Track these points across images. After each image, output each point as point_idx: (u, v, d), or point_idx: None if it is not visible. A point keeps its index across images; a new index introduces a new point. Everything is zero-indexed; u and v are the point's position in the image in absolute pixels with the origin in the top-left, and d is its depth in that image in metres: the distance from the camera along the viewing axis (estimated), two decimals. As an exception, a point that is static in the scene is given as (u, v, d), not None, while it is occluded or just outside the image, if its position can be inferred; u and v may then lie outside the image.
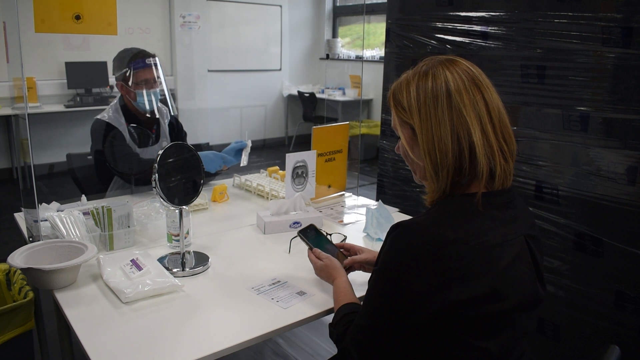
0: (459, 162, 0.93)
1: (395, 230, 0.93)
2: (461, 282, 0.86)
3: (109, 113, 2.05)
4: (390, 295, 0.92)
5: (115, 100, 2.10)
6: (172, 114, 2.22)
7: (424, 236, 0.88)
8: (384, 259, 0.95)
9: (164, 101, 2.16)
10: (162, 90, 2.08)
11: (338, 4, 7.12)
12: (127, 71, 2.02)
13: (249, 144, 2.07)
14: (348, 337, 1.00)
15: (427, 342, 0.92)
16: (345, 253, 1.38)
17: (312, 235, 1.40)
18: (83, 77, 5.05)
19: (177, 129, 2.25)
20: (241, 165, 2.08)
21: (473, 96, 0.93)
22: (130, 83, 2.02)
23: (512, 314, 0.93)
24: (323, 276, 1.29)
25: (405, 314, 0.90)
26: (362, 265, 1.34)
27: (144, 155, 2.05)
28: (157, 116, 2.15)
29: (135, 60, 2.01)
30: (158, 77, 2.04)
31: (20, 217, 1.73)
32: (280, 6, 6.70)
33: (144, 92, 2.01)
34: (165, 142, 2.14)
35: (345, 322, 1.06)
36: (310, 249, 1.34)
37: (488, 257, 0.89)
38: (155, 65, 2.04)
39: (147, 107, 2.04)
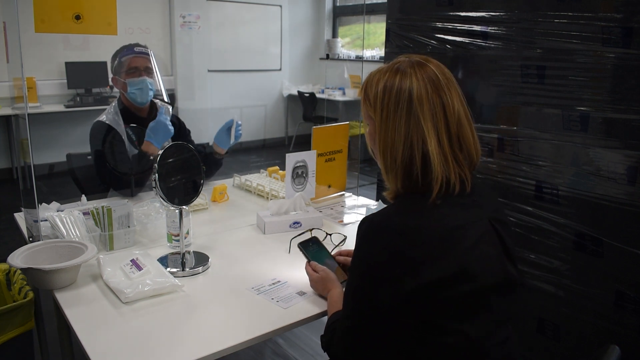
0: (409, 168, 0.95)
1: (363, 226, 0.96)
2: (428, 264, 0.89)
3: (107, 114, 2.04)
4: (367, 289, 0.93)
5: (115, 101, 2.09)
6: (167, 101, 2.19)
7: (388, 226, 0.92)
8: (356, 255, 0.98)
9: (160, 99, 2.14)
10: (158, 87, 2.07)
11: (338, 4, 7.12)
12: (117, 62, 2.02)
13: (235, 119, 2.09)
14: (334, 342, 1.02)
15: (408, 330, 0.93)
16: (346, 271, 1.37)
17: (314, 248, 1.39)
18: (83, 77, 5.05)
19: (178, 128, 2.23)
20: (231, 142, 2.10)
21: (434, 106, 0.95)
22: (121, 74, 2.01)
23: (486, 295, 0.95)
24: (319, 288, 1.29)
25: (383, 305, 0.92)
26: None
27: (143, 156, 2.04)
28: (163, 115, 2.13)
29: (125, 50, 2.02)
30: (149, 67, 2.02)
31: (20, 217, 1.73)
32: (280, 6, 6.70)
33: (135, 80, 1.99)
34: (167, 143, 2.13)
35: (332, 330, 1.07)
36: (308, 261, 1.34)
37: (451, 238, 0.92)
38: (146, 54, 2.03)
39: (139, 97, 2.02)
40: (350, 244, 1.58)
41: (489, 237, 0.97)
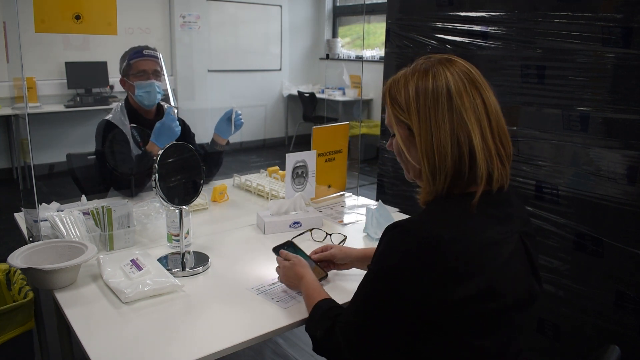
0: (458, 166, 0.91)
1: (392, 230, 0.92)
2: (458, 281, 0.86)
3: (114, 114, 2.04)
4: (387, 296, 0.91)
5: (121, 102, 2.10)
6: (173, 105, 2.19)
7: (420, 236, 0.88)
8: (380, 258, 0.94)
9: (166, 100, 2.14)
10: (166, 90, 2.07)
11: (338, 4, 7.12)
12: (126, 64, 2.02)
13: (234, 109, 2.09)
14: (338, 334, 0.99)
15: (424, 341, 0.91)
16: (323, 268, 1.36)
17: (289, 251, 1.38)
18: (83, 77, 5.05)
19: (183, 131, 2.23)
20: (232, 130, 2.11)
21: (473, 99, 0.92)
22: (129, 76, 2.02)
23: (509, 312, 0.93)
24: (290, 276, 1.26)
25: (402, 314, 0.89)
26: (333, 264, 1.37)
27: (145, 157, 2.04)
28: (170, 117, 2.13)
29: (134, 52, 2.02)
30: (158, 70, 2.03)
31: (20, 217, 1.73)
32: (280, 6, 6.70)
33: (143, 83, 1.99)
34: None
35: (330, 317, 1.04)
36: (277, 254, 1.34)
37: (484, 255, 0.89)
38: (155, 57, 2.03)
39: (146, 100, 2.02)
40: (350, 244, 1.58)
41: (519, 253, 0.95)
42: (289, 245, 1.41)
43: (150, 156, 1.91)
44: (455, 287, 0.86)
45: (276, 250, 1.38)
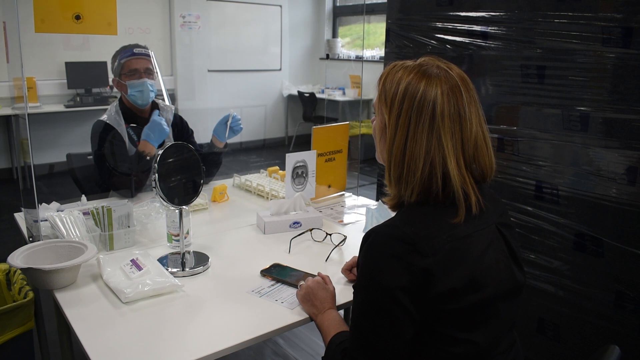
0: (427, 184, 0.92)
1: (369, 238, 0.93)
2: (438, 276, 0.87)
3: (108, 114, 2.04)
4: (377, 301, 0.90)
5: (116, 101, 2.09)
6: (168, 103, 2.19)
7: (396, 237, 0.89)
8: (362, 268, 0.93)
9: (161, 99, 2.14)
10: (160, 90, 2.06)
11: (338, 4, 7.12)
12: (117, 64, 2.02)
13: (232, 113, 2.10)
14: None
15: (416, 342, 0.91)
16: (321, 275, 1.34)
17: (277, 270, 1.39)
18: (83, 77, 5.05)
19: (181, 128, 2.23)
20: (227, 134, 2.11)
21: (453, 125, 0.91)
22: (121, 75, 2.01)
23: (495, 303, 0.93)
24: (320, 294, 1.18)
25: (395, 318, 0.89)
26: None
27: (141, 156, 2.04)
28: (157, 115, 2.13)
29: (124, 51, 2.01)
30: (150, 68, 2.02)
31: (20, 217, 1.73)
32: (280, 6, 6.70)
33: (135, 82, 1.99)
34: (168, 143, 2.12)
35: (341, 350, 1.03)
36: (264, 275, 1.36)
37: (460, 248, 0.89)
38: (146, 55, 2.02)
39: (139, 99, 2.02)
40: (350, 244, 1.59)
41: (496, 244, 0.96)
42: (275, 267, 1.41)
43: (142, 156, 1.91)
44: (437, 282, 0.86)
45: (263, 272, 1.38)
